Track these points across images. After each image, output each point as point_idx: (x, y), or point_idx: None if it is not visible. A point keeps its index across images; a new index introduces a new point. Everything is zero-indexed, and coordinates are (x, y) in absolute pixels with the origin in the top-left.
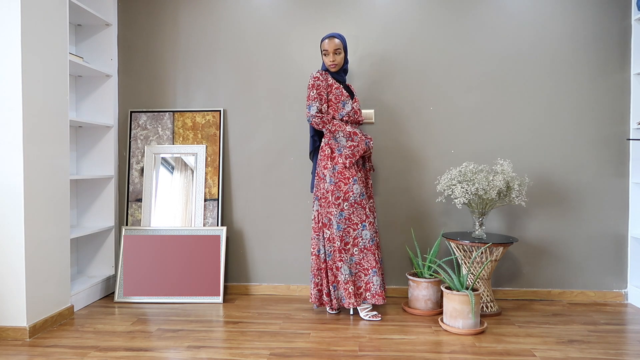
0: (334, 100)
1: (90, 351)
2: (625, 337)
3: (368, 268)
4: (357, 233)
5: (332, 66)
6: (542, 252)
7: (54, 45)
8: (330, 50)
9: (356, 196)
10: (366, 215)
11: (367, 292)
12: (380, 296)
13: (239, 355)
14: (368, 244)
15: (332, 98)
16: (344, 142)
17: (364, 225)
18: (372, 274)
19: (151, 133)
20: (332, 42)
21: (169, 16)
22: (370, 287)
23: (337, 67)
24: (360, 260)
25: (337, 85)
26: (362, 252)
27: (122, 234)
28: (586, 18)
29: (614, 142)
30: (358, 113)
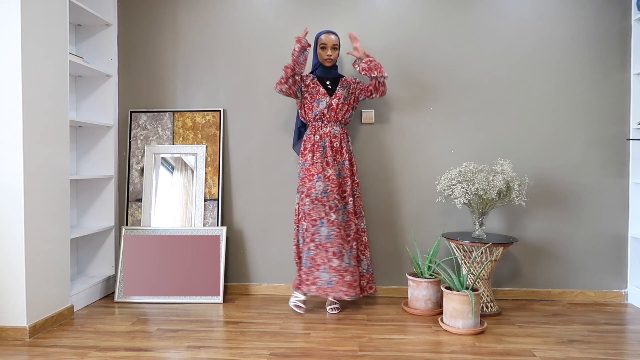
0: (309, 99)
1: (90, 351)
2: (625, 337)
3: (320, 264)
4: (315, 229)
5: (328, 60)
6: (542, 252)
7: (54, 45)
8: (329, 45)
9: (318, 193)
10: (326, 212)
11: (313, 285)
12: (323, 291)
13: (239, 355)
14: (324, 241)
15: (307, 96)
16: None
17: (322, 222)
18: (322, 270)
19: (151, 133)
20: (330, 37)
21: (168, 16)
22: (317, 281)
23: (333, 62)
24: (315, 256)
25: (314, 85)
26: (317, 248)
27: (122, 234)
28: (586, 18)
29: (614, 142)
30: (335, 110)
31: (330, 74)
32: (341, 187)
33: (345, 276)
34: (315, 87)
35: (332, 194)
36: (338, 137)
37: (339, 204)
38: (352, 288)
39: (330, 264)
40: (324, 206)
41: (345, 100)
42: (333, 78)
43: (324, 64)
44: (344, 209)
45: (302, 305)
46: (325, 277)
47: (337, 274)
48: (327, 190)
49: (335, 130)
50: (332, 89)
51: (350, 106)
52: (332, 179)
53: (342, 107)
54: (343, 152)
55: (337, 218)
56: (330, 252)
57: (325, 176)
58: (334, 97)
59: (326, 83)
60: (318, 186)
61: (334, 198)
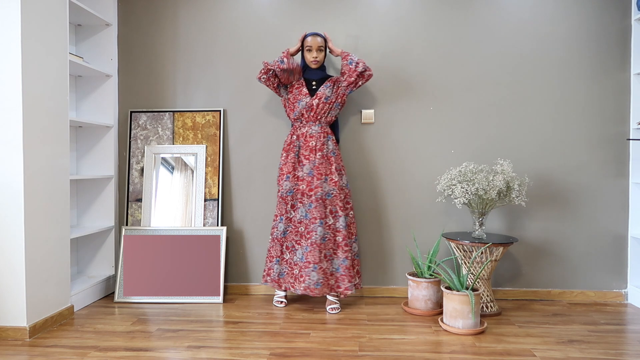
0: (291, 99)
1: (90, 351)
2: (625, 337)
3: (273, 256)
4: (275, 224)
5: (314, 62)
6: (542, 252)
7: (54, 45)
8: (315, 47)
9: (283, 192)
10: (286, 210)
11: (268, 276)
12: (276, 282)
13: (239, 355)
14: (279, 236)
15: (290, 97)
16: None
17: (281, 219)
18: (274, 262)
19: (151, 133)
20: (315, 39)
21: (168, 16)
22: (271, 272)
23: (319, 63)
24: (270, 248)
25: (298, 85)
26: (272, 242)
27: (122, 234)
28: (586, 18)
29: (614, 142)
30: (314, 110)
31: (317, 74)
32: (308, 186)
33: (294, 269)
34: (299, 87)
35: (297, 193)
36: (315, 136)
37: (298, 204)
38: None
39: (283, 256)
40: (286, 204)
41: (327, 99)
42: (319, 79)
43: (310, 67)
44: (308, 207)
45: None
46: (277, 268)
47: (288, 267)
48: (292, 189)
49: (312, 130)
50: (316, 89)
51: (333, 105)
52: (302, 178)
53: (322, 106)
54: (317, 150)
55: (295, 216)
56: (284, 246)
57: (295, 175)
58: (315, 98)
59: (312, 84)
60: (285, 185)
61: (299, 198)
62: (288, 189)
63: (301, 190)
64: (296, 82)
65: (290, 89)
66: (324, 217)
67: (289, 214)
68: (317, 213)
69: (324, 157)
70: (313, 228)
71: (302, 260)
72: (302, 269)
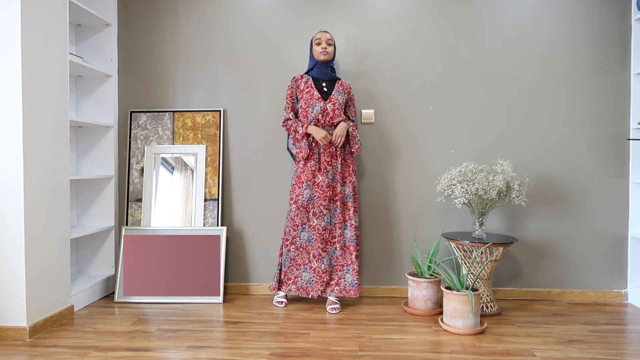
0: (304, 106)
1: (90, 351)
2: (625, 337)
3: (301, 264)
4: (297, 234)
5: (322, 53)
6: (542, 252)
7: (54, 45)
8: (324, 39)
9: (304, 200)
10: (308, 218)
11: (294, 284)
12: (304, 290)
13: (239, 355)
14: (304, 244)
15: (302, 104)
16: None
17: (304, 228)
18: (302, 270)
19: (151, 133)
20: (325, 34)
21: (168, 16)
22: (298, 280)
23: (329, 55)
24: (295, 257)
25: (308, 89)
26: (297, 250)
27: (122, 234)
28: (586, 18)
29: (614, 142)
30: (329, 115)
31: (327, 74)
32: (334, 191)
33: (324, 277)
34: (309, 91)
35: (319, 201)
36: None
37: (324, 210)
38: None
39: (311, 265)
40: (307, 212)
41: (340, 105)
42: (329, 80)
43: (319, 59)
44: (334, 212)
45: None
46: (306, 276)
47: (316, 275)
48: (313, 197)
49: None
50: (327, 91)
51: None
52: (321, 185)
53: (337, 112)
54: (337, 155)
55: (319, 224)
56: (311, 254)
57: (315, 183)
58: (329, 102)
59: (322, 85)
60: (305, 194)
61: (319, 204)
62: (309, 197)
63: (327, 196)
64: (304, 86)
65: (300, 94)
66: (349, 220)
67: (311, 222)
68: (342, 217)
69: (344, 160)
70: (340, 232)
71: (332, 264)
72: (335, 272)
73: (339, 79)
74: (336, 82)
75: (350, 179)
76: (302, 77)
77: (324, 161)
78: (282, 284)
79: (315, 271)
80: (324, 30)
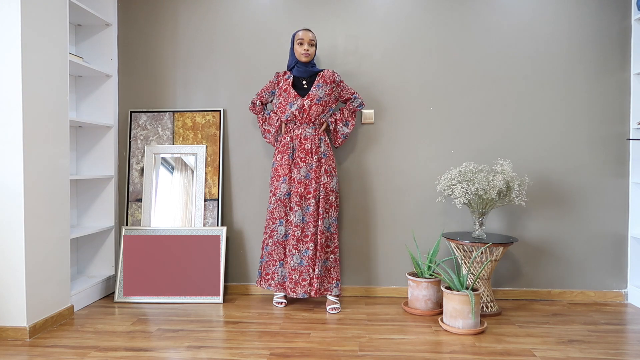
0: (282, 103)
1: (90, 351)
2: (625, 337)
3: (276, 260)
4: (274, 227)
5: (304, 55)
6: (542, 252)
7: (54, 45)
8: (306, 40)
9: (281, 194)
10: (286, 212)
11: (272, 280)
12: (281, 285)
13: (239, 355)
14: (281, 239)
15: (280, 101)
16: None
17: (281, 222)
18: (278, 266)
19: (151, 133)
20: (307, 33)
21: (169, 16)
22: (275, 276)
23: (310, 57)
24: (272, 252)
25: (286, 87)
26: (274, 245)
27: (122, 234)
28: (586, 18)
29: (614, 142)
30: (306, 111)
31: (307, 72)
32: (306, 189)
33: (293, 274)
34: (286, 89)
35: (294, 196)
36: (309, 138)
37: (295, 207)
38: (299, 286)
39: (287, 260)
40: (285, 207)
41: (319, 101)
42: (310, 76)
43: (300, 60)
44: (306, 210)
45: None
46: (282, 272)
47: (288, 271)
48: (290, 192)
49: (307, 132)
50: (307, 88)
51: (327, 106)
52: (299, 180)
53: (315, 108)
54: (313, 153)
55: (293, 219)
56: (287, 249)
57: (291, 178)
58: (306, 98)
59: (302, 83)
60: (282, 187)
61: (296, 201)
62: (286, 191)
63: (299, 192)
64: (284, 83)
65: (279, 91)
66: (320, 219)
67: (288, 216)
68: (314, 216)
69: (319, 159)
70: (312, 231)
71: (302, 264)
72: (303, 273)
73: (320, 71)
74: (317, 76)
75: (322, 179)
76: (285, 74)
77: (298, 156)
78: (262, 278)
79: (290, 267)
80: (307, 29)
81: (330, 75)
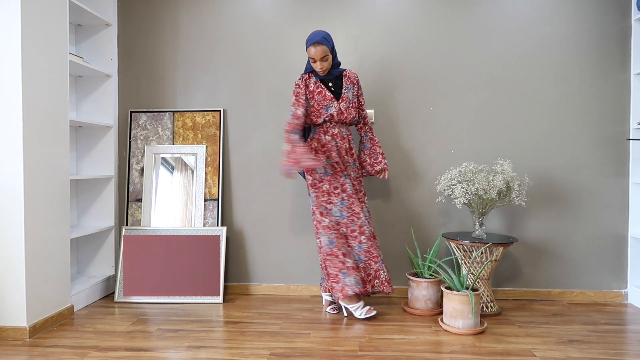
0: (316, 107)
1: (90, 351)
2: (625, 337)
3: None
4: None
5: (320, 71)
6: (542, 252)
7: (54, 45)
8: (317, 57)
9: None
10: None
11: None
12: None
13: (239, 355)
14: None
15: (314, 104)
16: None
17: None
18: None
19: (151, 133)
20: (318, 49)
21: (169, 16)
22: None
23: (326, 71)
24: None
25: (319, 90)
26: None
27: (122, 234)
28: (586, 18)
29: (614, 142)
30: (344, 114)
31: (331, 74)
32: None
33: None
34: (320, 91)
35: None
36: (346, 138)
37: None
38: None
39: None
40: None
41: (350, 103)
42: (335, 77)
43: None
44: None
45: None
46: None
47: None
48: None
49: (342, 132)
50: (335, 90)
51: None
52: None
53: (348, 110)
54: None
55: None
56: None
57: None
58: (342, 101)
59: (329, 84)
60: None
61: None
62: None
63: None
64: (314, 86)
65: (310, 95)
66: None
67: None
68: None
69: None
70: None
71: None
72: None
73: (344, 71)
74: (342, 76)
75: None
76: (310, 76)
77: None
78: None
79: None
80: (316, 42)
81: (354, 77)
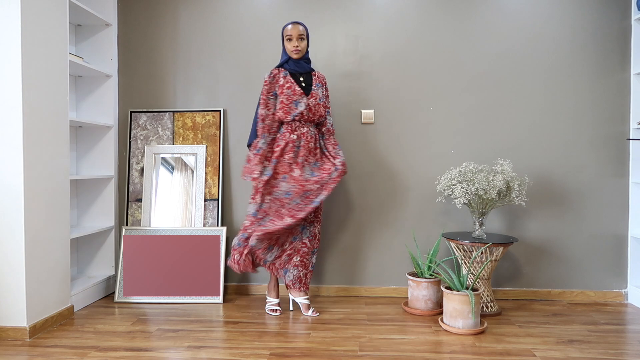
0: (285, 102)
1: (90, 351)
2: (625, 337)
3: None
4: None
5: (294, 52)
6: (542, 252)
7: (54, 45)
8: (295, 35)
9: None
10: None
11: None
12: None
13: (239, 355)
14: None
15: (283, 99)
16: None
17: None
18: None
19: (151, 133)
20: (296, 27)
21: (169, 16)
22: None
23: (301, 53)
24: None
25: (289, 84)
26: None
27: (122, 234)
28: (586, 18)
29: (614, 142)
30: (312, 111)
31: (302, 67)
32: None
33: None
34: (290, 86)
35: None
36: (314, 137)
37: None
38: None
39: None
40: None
41: (320, 100)
42: (306, 72)
43: (291, 57)
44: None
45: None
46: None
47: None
48: (290, 192)
49: (311, 131)
50: (305, 86)
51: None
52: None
53: (318, 107)
54: (317, 152)
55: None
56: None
57: (292, 177)
58: (311, 97)
59: (299, 79)
60: (282, 186)
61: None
62: (285, 191)
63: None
64: (284, 81)
65: (280, 89)
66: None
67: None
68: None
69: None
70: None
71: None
72: None
73: (313, 71)
74: (312, 75)
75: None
76: (280, 70)
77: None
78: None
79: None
80: (296, 22)
81: (323, 78)
